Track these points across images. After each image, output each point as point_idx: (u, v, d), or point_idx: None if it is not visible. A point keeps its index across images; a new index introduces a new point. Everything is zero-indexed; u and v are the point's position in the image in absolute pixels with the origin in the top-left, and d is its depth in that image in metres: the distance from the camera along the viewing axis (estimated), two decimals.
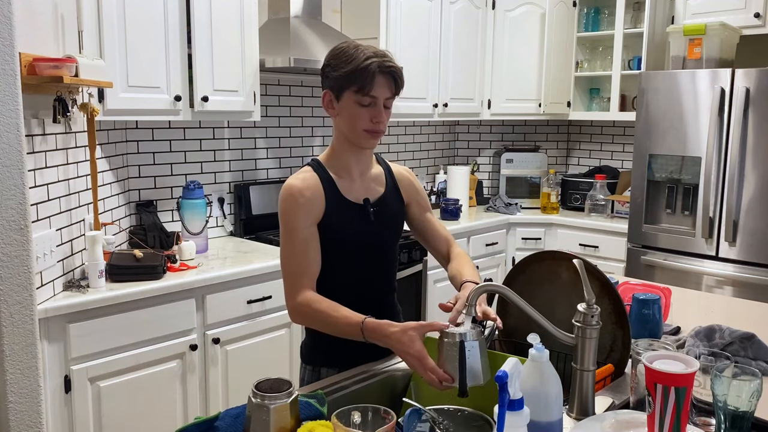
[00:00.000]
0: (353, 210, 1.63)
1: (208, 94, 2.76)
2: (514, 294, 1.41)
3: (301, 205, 1.57)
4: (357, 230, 1.63)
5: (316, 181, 1.61)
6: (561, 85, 4.20)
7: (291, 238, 1.58)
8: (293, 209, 1.57)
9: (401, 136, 4.26)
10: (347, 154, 1.65)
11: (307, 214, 1.57)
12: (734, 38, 3.46)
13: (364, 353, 1.63)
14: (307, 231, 1.58)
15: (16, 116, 1.84)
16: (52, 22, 2.15)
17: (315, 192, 1.59)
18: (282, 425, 1.16)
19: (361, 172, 1.68)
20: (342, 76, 1.54)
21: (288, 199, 1.58)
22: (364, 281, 1.68)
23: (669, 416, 1.05)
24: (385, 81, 1.55)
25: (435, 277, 3.61)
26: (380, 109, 1.56)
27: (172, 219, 3.08)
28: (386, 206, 1.70)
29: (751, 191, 3.14)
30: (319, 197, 1.59)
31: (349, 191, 1.64)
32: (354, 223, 1.63)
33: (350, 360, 1.63)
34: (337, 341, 1.62)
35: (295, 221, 1.57)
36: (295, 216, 1.57)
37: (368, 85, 1.52)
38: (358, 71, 1.52)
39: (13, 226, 1.87)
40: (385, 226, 1.69)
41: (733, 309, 2.23)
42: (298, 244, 1.57)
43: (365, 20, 3.58)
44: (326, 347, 1.66)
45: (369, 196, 1.67)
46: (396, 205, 1.74)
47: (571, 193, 4.27)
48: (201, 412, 2.58)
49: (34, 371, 1.96)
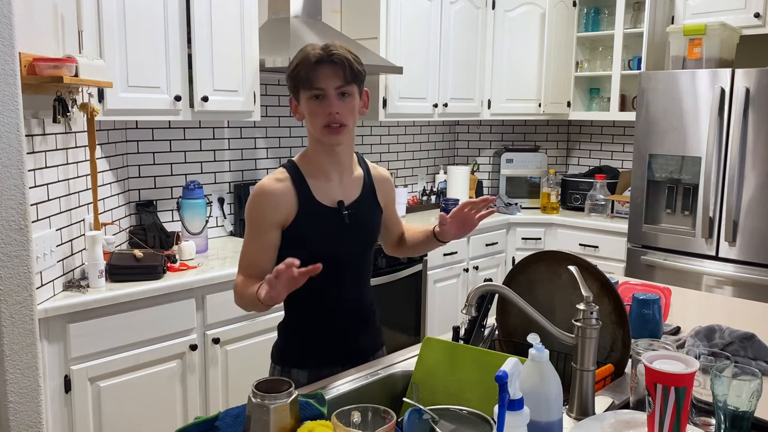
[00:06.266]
0: (326, 213, 1.60)
1: (208, 94, 2.76)
2: (514, 294, 1.41)
3: (267, 209, 1.56)
4: (328, 234, 1.59)
5: (288, 184, 1.58)
6: (561, 85, 4.20)
7: (251, 239, 1.59)
8: (259, 212, 1.57)
9: (401, 136, 4.26)
10: (321, 155, 1.61)
11: (271, 219, 1.56)
12: (734, 38, 3.46)
13: (334, 355, 1.65)
14: (268, 236, 1.57)
15: (16, 116, 1.84)
16: (52, 22, 2.15)
17: (285, 195, 1.56)
18: (282, 425, 1.16)
19: (339, 174, 1.63)
20: (291, 76, 1.53)
21: (256, 200, 1.57)
22: (336, 287, 1.64)
23: (669, 416, 1.05)
24: (331, 70, 1.50)
25: (435, 277, 3.61)
26: (332, 100, 1.51)
27: (172, 219, 3.08)
28: (361, 210, 1.65)
29: (751, 191, 3.14)
30: (289, 200, 1.56)
31: (323, 194, 1.60)
32: (326, 226, 1.59)
33: (320, 361, 1.63)
34: (308, 343, 1.65)
35: (259, 224, 1.57)
36: (260, 219, 1.57)
37: (311, 77, 1.49)
38: (299, 67, 1.50)
39: (13, 226, 1.87)
40: (359, 230, 1.64)
41: (733, 309, 2.23)
42: (256, 246, 1.58)
43: (365, 20, 3.58)
44: (297, 349, 1.66)
45: (346, 198, 1.63)
46: (372, 209, 1.70)
47: (571, 193, 4.27)
48: (201, 412, 2.58)
49: (34, 371, 1.96)
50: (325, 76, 1.50)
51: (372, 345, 1.76)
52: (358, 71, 1.54)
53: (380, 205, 1.72)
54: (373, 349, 1.75)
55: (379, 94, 3.56)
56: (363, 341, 1.73)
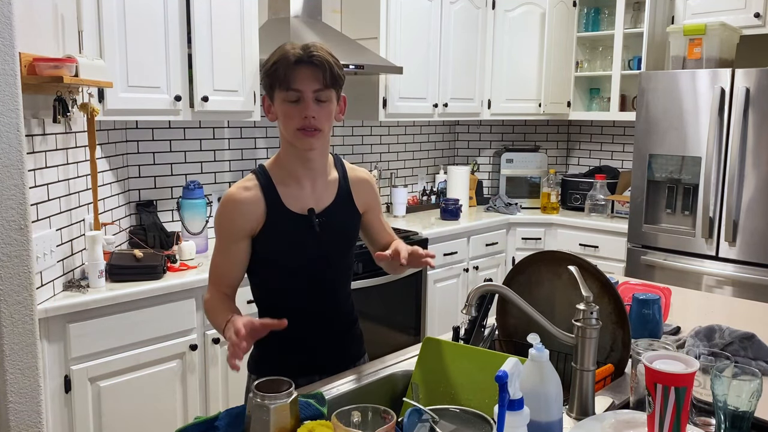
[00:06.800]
0: (296, 221, 1.54)
1: (208, 94, 2.76)
2: (514, 294, 1.41)
3: (236, 219, 1.52)
4: (298, 242, 1.54)
5: (257, 192, 1.52)
6: (561, 85, 4.20)
7: (220, 250, 1.56)
8: (228, 222, 1.53)
9: (401, 136, 4.26)
10: (292, 159, 1.54)
11: (240, 228, 1.52)
12: (734, 38, 3.46)
13: (311, 365, 1.61)
14: (237, 246, 1.53)
15: (16, 116, 1.84)
16: (52, 22, 2.15)
17: (253, 204, 1.52)
18: (282, 425, 1.16)
19: (312, 179, 1.57)
20: (267, 75, 1.47)
21: (224, 210, 1.53)
22: (311, 296, 1.59)
23: (669, 416, 1.05)
24: (310, 72, 1.43)
25: (435, 277, 3.61)
26: (308, 103, 1.44)
27: (172, 219, 3.08)
28: (334, 216, 1.58)
29: (751, 191, 3.14)
30: (257, 209, 1.52)
31: (293, 201, 1.54)
32: (295, 235, 1.54)
33: (299, 371, 1.57)
34: (284, 353, 1.60)
35: (228, 234, 1.53)
36: (229, 229, 1.53)
37: (289, 78, 1.43)
38: (276, 65, 1.44)
39: (13, 226, 1.87)
40: (331, 238, 1.57)
41: (733, 309, 2.23)
42: (225, 258, 1.55)
43: (365, 20, 3.58)
44: (274, 359, 1.62)
45: (317, 204, 1.56)
46: (347, 214, 1.62)
47: (571, 193, 4.27)
48: (201, 412, 2.58)
49: (34, 371, 1.96)
50: (303, 78, 1.43)
51: (353, 353, 1.71)
52: (338, 75, 1.47)
53: (358, 209, 1.65)
54: (353, 358, 1.70)
55: (379, 94, 3.56)
56: (342, 350, 1.68)
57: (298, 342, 1.61)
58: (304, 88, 1.44)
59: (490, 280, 1.56)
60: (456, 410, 1.15)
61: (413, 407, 1.15)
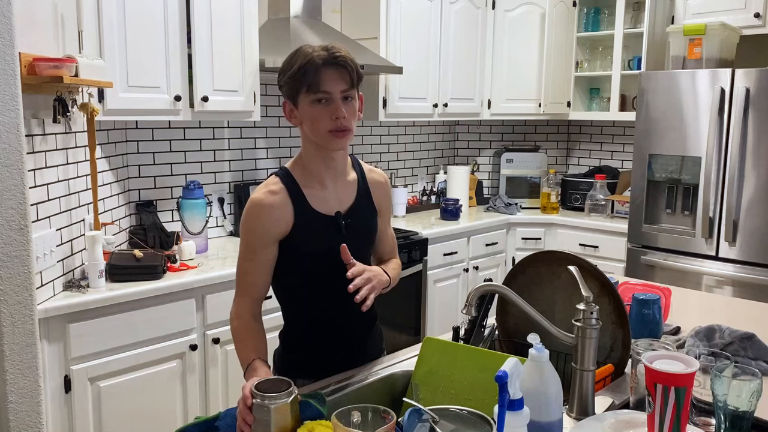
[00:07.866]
0: (324, 223, 1.55)
1: (208, 94, 2.76)
2: (514, 294, 1.41)
3: (266, 224, 1.50)
4: (326, 243, 1.53)
5: (284, 195, 1.52)
6: (561, 85, 4.20)
7: (248, 256, 1.54)
8: (256, 229, 1.51)
9: (401, 136, 4.26)
10: (316, 161, 1.55)
11: (270, 233, 1.51)
12: (734, 38, 3.46)
13: (339, 363, 1.61)
14: (266, 252, 1.53)
15: (16, 116, 1.84)
16: (52, 22, 2.15)
17: (282, 208, 1.51)
18: (282, 425, 1.16)
19: (334, 180, 1.58)
20: (291, 79, 1.46)
21: (253, 214, 1.51)
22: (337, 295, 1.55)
23: (669, 416, 1.05)
24: (336, 73, 1.45)
25: (435, 277, 3.61)
26: (338, 104, 1.45)
27: (172, 219, 3.08)
28: (358, 217, 1.60)
29: (751, 191, 3.14)
30: (286, 213, 1.51)
31: (319, 202, 1.55)
32: (325, 236, 1.54)
33: (326, 369, 1.58)
34: (312, 352, 1.61)
35: (256, 241, 1.52)
36: (256, 235, 1.52)
37: (317, 80, 1.43)
38: (303, 68, 1.44)
39: (13, 226, 1.87)
40: (357, 237, 1.59)
41: (733, 309, 2.23)
42: (254, 264, 1.54)
43: (365, 20, 3.58)
44: (301, 358, 1.62)
45: (341, 205, 1.58)
46: (368, 214, 1.64)
47: (571, 193, 4.27)
48: (201, 412, 2.58)
49: (34, 371, 1.96)
50: (330, 79, 1.44)
51: (375, 350, 1.73)
52: (361, 75, 1.50)
53: (376, 209, 1.67)
54: (375, 355, 1.72)
55: (379, 94, 3.56)
56: (366, 347, 1.70)
57: (327, 342, 1.62)
58: (333, 89, 1.45)
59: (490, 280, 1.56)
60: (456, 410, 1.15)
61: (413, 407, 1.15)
